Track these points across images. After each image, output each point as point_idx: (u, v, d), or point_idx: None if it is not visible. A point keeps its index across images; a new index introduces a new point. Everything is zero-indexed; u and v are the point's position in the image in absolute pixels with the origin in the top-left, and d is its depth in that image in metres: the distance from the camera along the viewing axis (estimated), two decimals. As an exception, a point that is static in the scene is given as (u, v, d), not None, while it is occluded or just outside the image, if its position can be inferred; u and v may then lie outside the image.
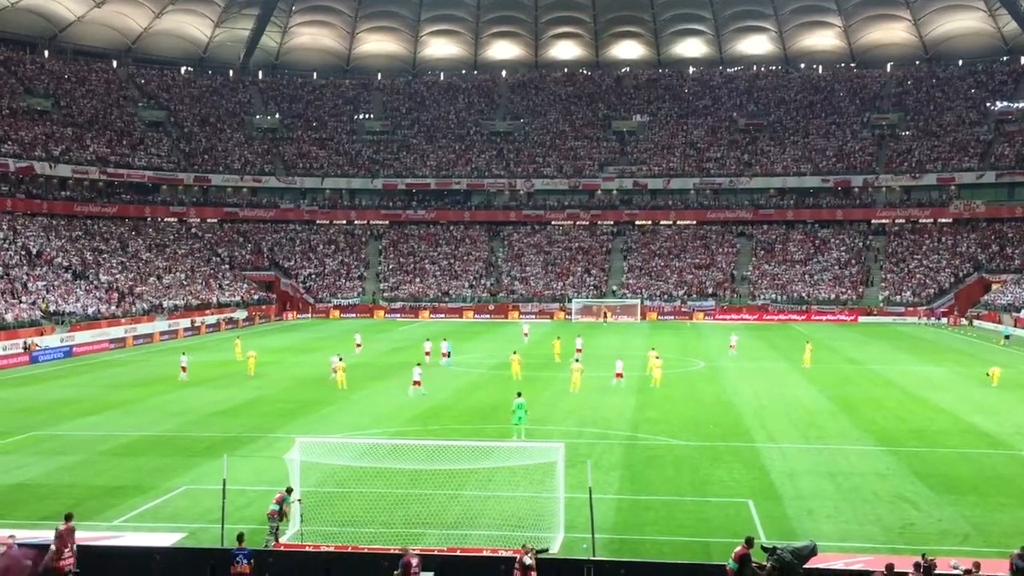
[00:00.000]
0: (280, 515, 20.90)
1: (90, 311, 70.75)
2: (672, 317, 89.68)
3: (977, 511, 23.82)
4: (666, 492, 25.75)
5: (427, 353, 54.64)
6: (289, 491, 21.45)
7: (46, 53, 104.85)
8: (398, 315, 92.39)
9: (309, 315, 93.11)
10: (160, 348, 66.29)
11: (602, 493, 23.63)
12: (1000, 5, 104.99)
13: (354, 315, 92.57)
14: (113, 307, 73.69)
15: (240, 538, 18.93)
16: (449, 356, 54.10)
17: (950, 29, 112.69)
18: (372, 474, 25.60)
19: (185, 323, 76.64)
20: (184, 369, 48.33)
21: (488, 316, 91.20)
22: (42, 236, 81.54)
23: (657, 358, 46.40)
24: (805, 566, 17.65)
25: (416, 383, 42.14)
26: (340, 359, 46.06)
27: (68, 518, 19.45)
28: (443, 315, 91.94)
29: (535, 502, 23.25)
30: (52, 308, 67.99)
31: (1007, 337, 66.28)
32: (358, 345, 60.58)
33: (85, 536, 19.86)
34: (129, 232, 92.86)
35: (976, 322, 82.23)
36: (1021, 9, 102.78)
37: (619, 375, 44.94)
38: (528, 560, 17.78)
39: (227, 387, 45.30)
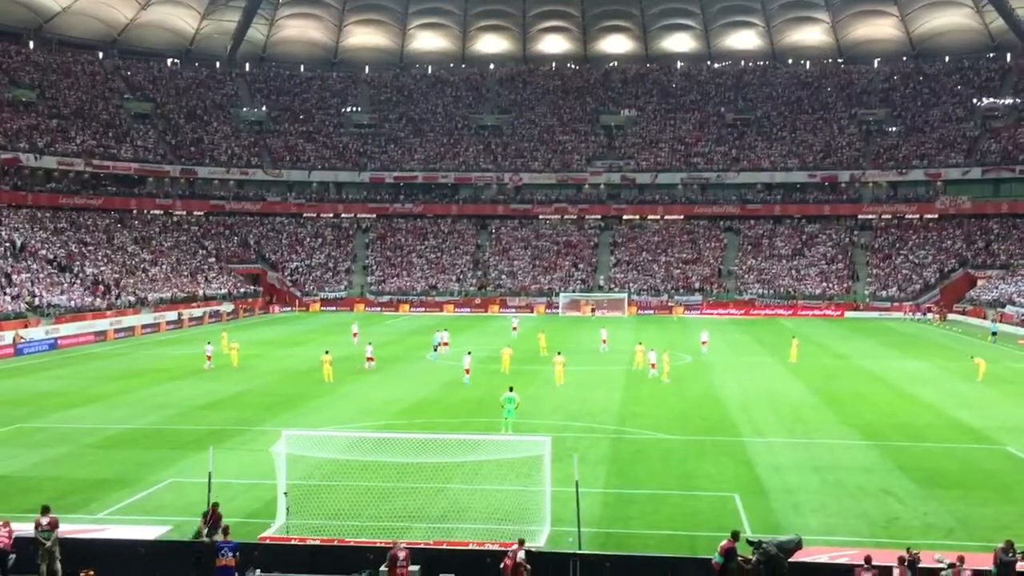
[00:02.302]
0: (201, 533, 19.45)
1: (75, 304, 70.41)
2: (652, 311, 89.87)
3: (961, 505, 23.92)
4: (652, 486, 25.78)
5: (445, 343, 55.55)
6: (215, 508, 19.91)
7: (31, 44, 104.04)
8: (378, 308, 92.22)
9: (290, 309, 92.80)
10: (143, 341, 66.02)
11: (588, 487, 23.61)
12: (987, 1, 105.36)
13: (334, 308, 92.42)
14: (98, 300, 73.33)
15: (225, 531, 18.86)
16: (436, 350, 54.02)
17: (937, 25, 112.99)
18: (358, 467, 25.56)
19: (171, 316, 76.32)
20: (209, 358, 49.21)
21: (468, 310, 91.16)
22: (27, 228, 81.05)
23: (666, 354, 46.78)
24: (790, 560, 17.70)
25: (467, 371, 43.79)
26: (328, 352, 45.98)
27: (44, 511, 19.34)
28: (423, 308, 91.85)
29: (522, 496, 23.27)
30: (37, 301, 67.63)
31: (994, 334, 66.32)
32: (355, 334, 61.49)
33: (69, 529, 19.78)
34: (115, 224, 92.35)
35: (954, 317, 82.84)
36: (1008, 5, 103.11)
37: (653, 365, 46.13)
38: (522, 555, 17.87)
39: (213, 380, 45.14)
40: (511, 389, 33.15)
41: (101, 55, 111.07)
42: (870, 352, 58.03)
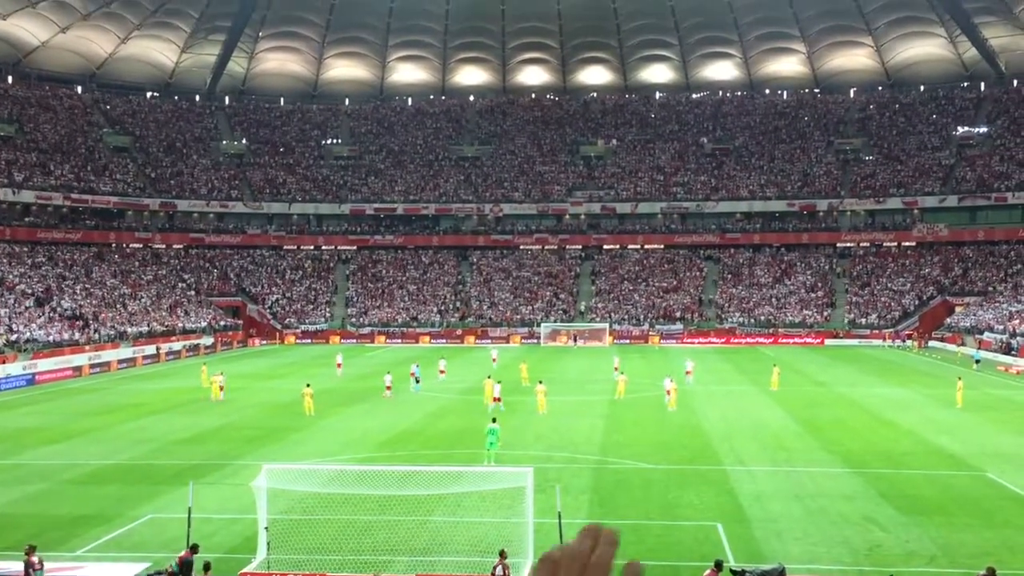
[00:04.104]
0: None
1: (53, 338, 69.86)
2: (627, 341, 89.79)
3: (943, 532, 23.98)
4: (635, 516, 25.73)
5: (441, 371, 58.00)
6: (194, 549, 19.55)
7: (9, 78, 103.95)
8: (354, 340, 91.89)
9: (264, 342, 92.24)
10: (120, 376, 65.49)
11: (571, 517, 23.56)
12: (960, 32, 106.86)
13: (310, 341, 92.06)
14: (77, 334, 72.83)
15: (207, 567, 18.71)
16: (419, 382, 53.86)
17: (912, 55, 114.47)
18: (340, 501, 25.41)
19: (150, 350, 75.78)
20: (221, 388, 49.63)
21: (445, 341, 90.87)
22: (4, 263, 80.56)
23: (672, 381, 46.61)
24: (774, 588, 17.72)
25: (496, 399, 43.63)
26: (308, 385, 45.83)
27: (32, 550, 19.16)
28: (400, 340, 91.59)
29: (504, 527, 23.16)
30: (14, 336, 67.09)
31: (977, 361, 66.34)
32: (339, 365, 62.31)
33: (48, 567, 19.53)
34: (93, 258, 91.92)
35: (933, 344, 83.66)
36: (981, 35, 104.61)
37: (668, 392, 45.89)
38: (499, 572, 18.09)
39: (193, 414, 44.83)
40: (494, 420, 33.10)
41: (80, 89, 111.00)
42: (851, 379, 58.26)
